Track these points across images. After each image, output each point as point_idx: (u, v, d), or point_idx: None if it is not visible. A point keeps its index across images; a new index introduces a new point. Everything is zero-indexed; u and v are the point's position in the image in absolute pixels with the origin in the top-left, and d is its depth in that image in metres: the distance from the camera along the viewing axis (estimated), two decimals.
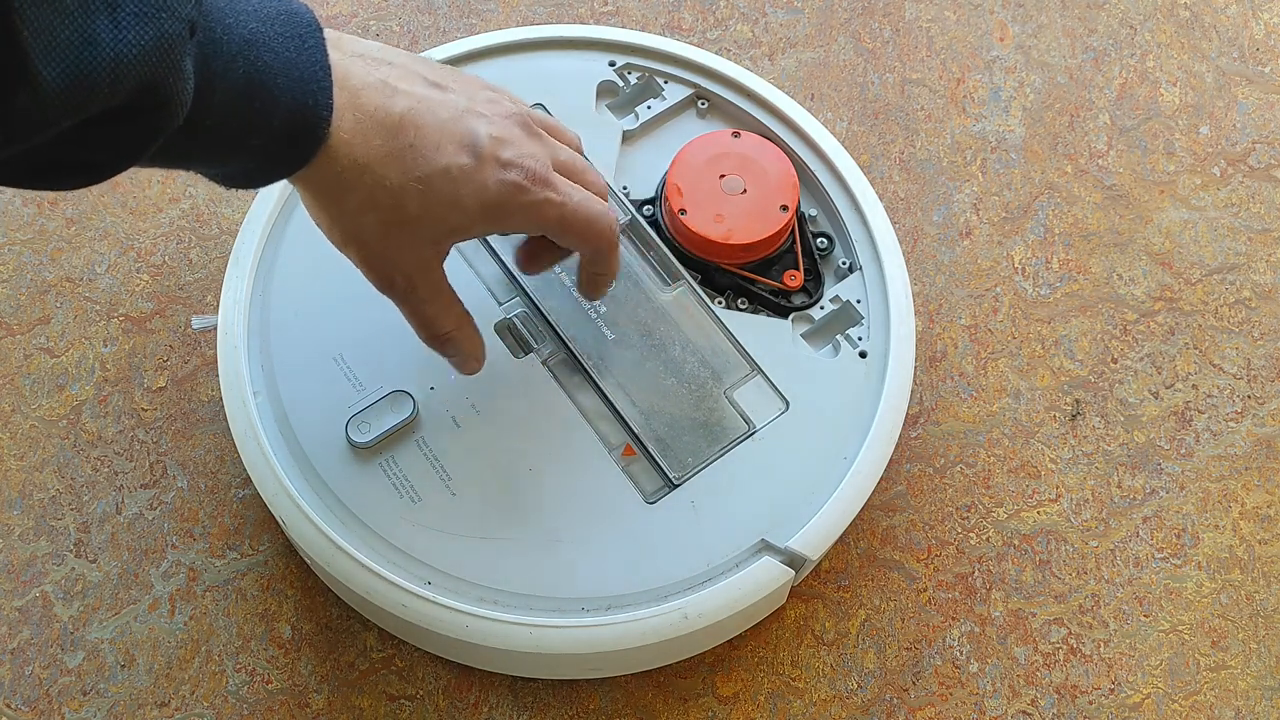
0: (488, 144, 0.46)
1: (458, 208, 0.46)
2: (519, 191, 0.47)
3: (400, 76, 0.46)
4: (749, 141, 0.63)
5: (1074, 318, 0.68)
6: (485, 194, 0.46)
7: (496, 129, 0.47)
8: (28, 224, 0.69)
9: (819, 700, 0.59)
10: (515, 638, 0.53)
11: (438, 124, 0.45)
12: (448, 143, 0.45)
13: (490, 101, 0.48)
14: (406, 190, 0.45)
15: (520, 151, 0.47)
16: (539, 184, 0.47)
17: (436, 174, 0.45)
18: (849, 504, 0.56)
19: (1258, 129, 0.74)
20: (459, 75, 0.49)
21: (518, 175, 0.47)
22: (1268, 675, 0.60)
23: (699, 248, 0.61)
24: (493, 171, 0.46)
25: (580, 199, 0.49)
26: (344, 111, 0.43)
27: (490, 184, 0.46)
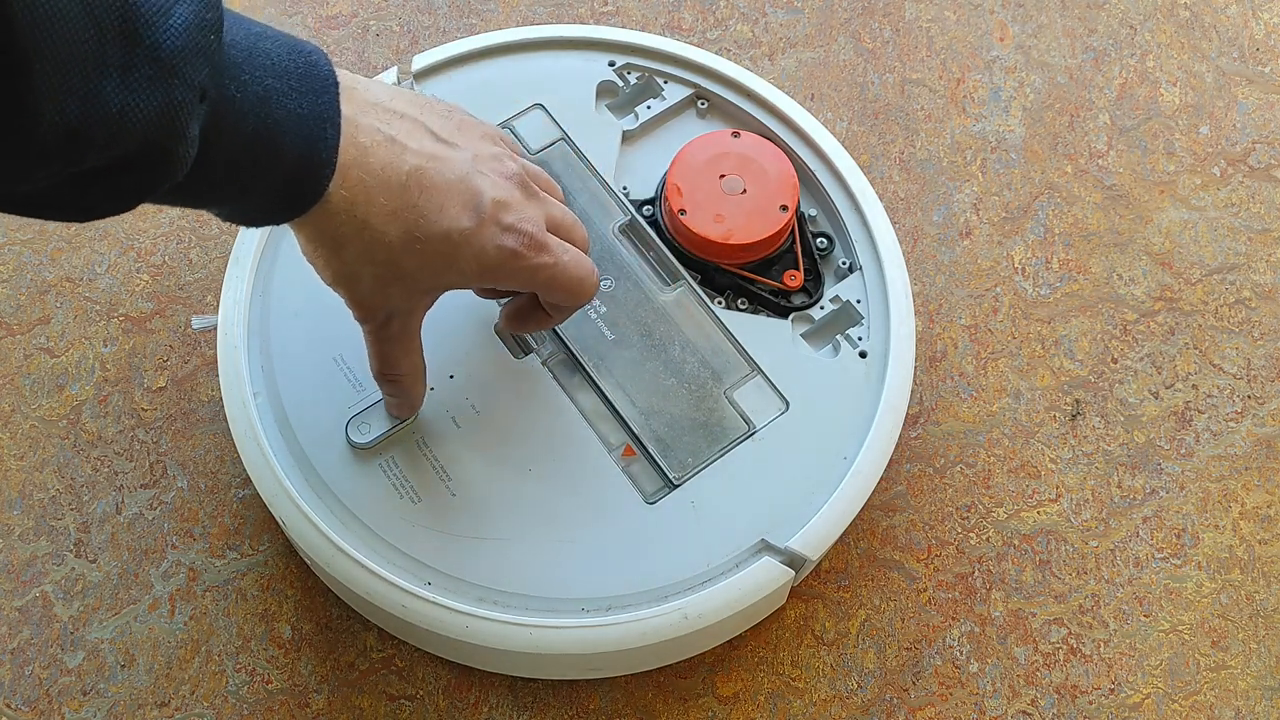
0: (490, 207, 0.47)
1: (454, 268, 0.47)
2: (515, 257, 0.48)
3: (410, 132, 0.46)
4: (749, 141, 0.63)
5: (1074, 318, 0.68)
6: (483, 258, 0.47)
7: (499, 191, 0.47)
8: (28, 224, 0.69)
9: (819, 700, 0.59)
10: (515, 638, 0.53)
11: (444, 185, 0.46)
12: (451, 205, 0.46)
13: (494, 159, 0.49)
14: (406, 248, 0.45)
15: (519, 215, 0.48)
16: (534, 249, 0.48)
17: (438, 236, 0.46)
18: (849, 504, 0.56)
19: (1258, 129, 0.74)
20: (465, 126, 0.49)
21: (516, 241, 0.48)
22: (1268, 675, 0.60)
23: (699, 248, 0.61)
24: (492, 235, 0.47)
25: (570, 260, 0.50)
26: (349, 168, 0.43)
27: (489, 248, 0.47)
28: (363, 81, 0.46)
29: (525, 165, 0.51)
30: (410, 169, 0.45)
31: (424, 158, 0.45)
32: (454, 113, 0.49)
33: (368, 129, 0.44)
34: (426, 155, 0.45)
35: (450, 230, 0.46)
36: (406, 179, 0.44)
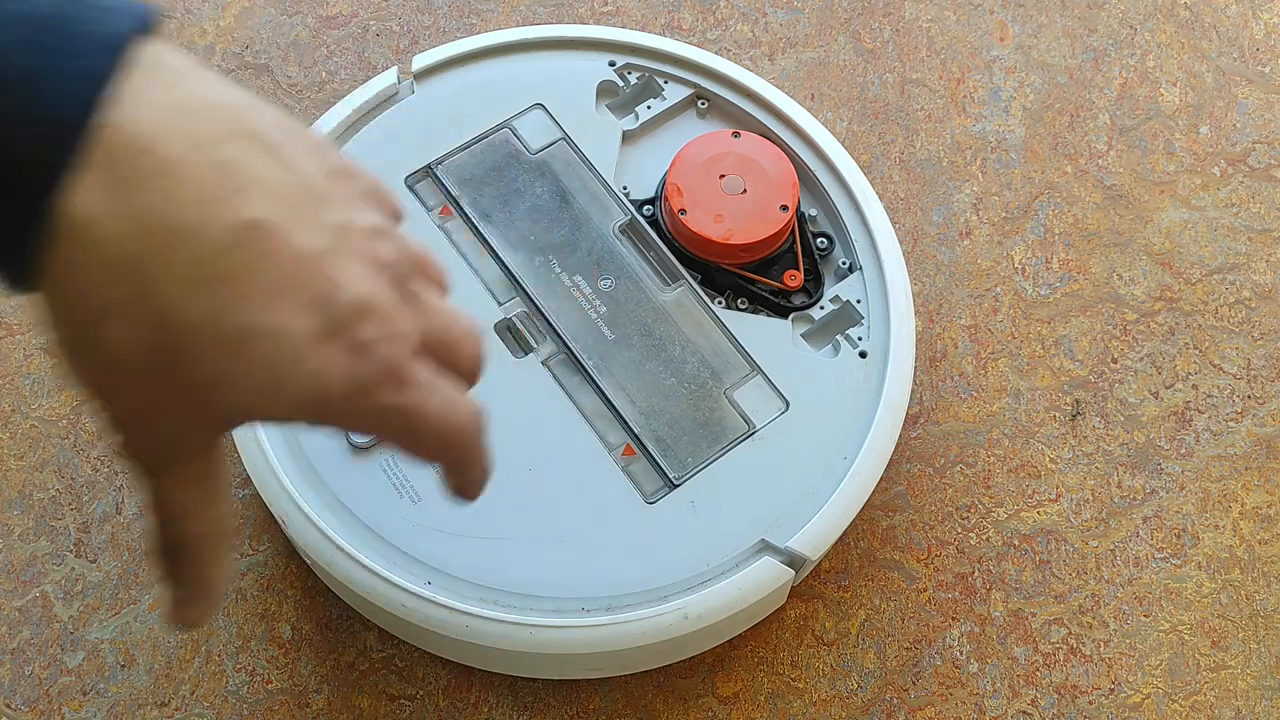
0: (344, 311, 0.31)
1: (275, 390, 0.30)
2: (364, 392, 0.32)
3: (252, 162, 0.30)
4: (749, 141, 0.63)
5: (1074, 318, 0.68)
6: (319, 383, 0.31)
7: (365, 287, 0.31)
8: None
9: (819, 700, 0.59)
10: (515, 638, 0.53)
11: (288, 259, 0.30)
12: (289, 293, 0.30)
13: (369, 235, 0.32)
14: (208, 340, 0.29)
15: (383, 330, 0.32)
16: (392, 383, 0.32)
17: (261, 333, 0.29)
18: (849, 504, 0.56)
19: (1258, 129, 0.74)
20: (339, 175, 0.33)
21: (370, 368, 0.32)
22: (1268, 675, 0.60)
23: (699, 248, 0.61)
24: (338, 355, 0.31)
25: (439, 404, 0.34)
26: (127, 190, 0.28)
27: (333, 371, 0.31)
28: (186, 63, 0.30)
29: (408, 248, 0.35)
30: (245, 222, 0.29)
31: (272, 207, 0.30)
32: (325, 151, 0.33)
33: (178, 138, 0.28)
34: (275, 204, 0.30)
35: (282, 329, 0.30)
36: (233, 236, 0.29)
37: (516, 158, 0.64)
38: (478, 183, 0.63)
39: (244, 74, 0.73)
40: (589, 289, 0.60)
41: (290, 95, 0.73)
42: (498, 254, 0.61)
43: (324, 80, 0.73)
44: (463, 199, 0.62)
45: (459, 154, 0.64)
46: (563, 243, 0.61)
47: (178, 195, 0.28)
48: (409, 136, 0.64)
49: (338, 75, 0.74)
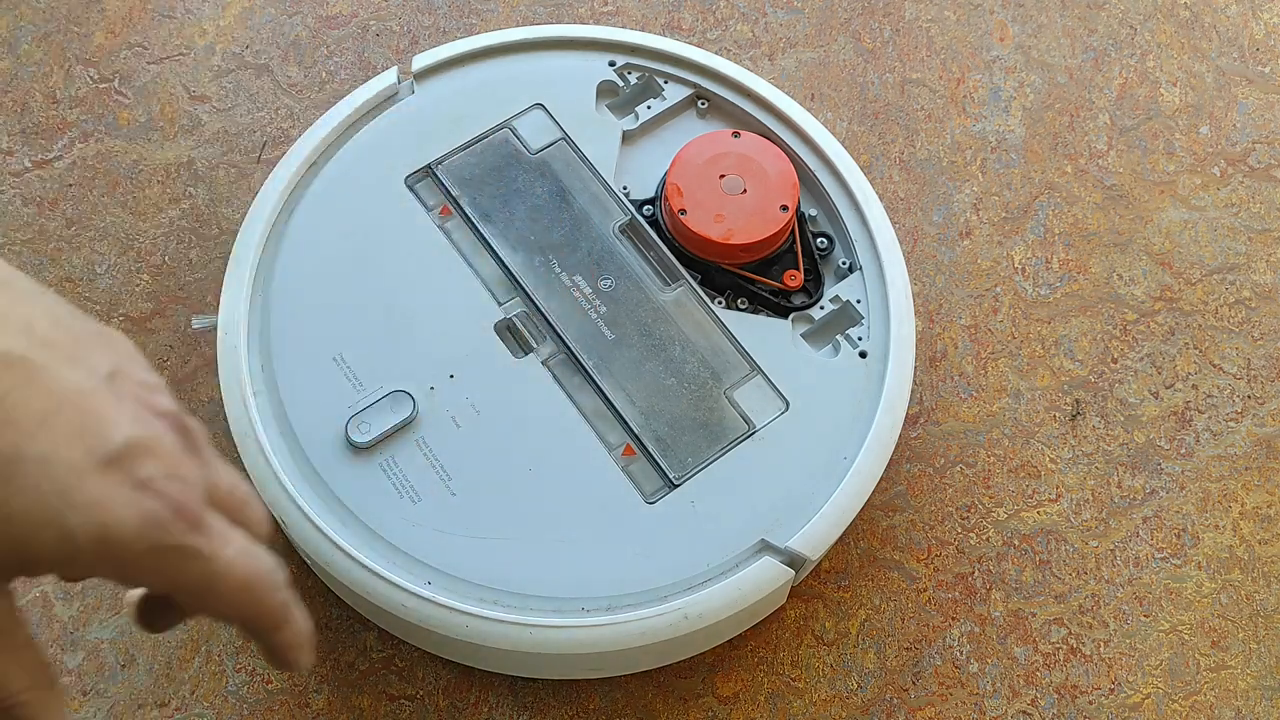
0: (122, 447, 0.30)
1: (54, 523, 0.29)
2: (155, 529, 0.30)
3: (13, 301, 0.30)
4: (749, 141, 0.63)
5: (1074, 318, 0.68)
6: (105, 519, 0.29)
7: (142, 428, 0.31)
8: (28, 224, 0.69)
9: (819, 700, 0.59)
10: (515, 638, 0.53)
11: (55, 392, 0.29)
12: (59, 423, 0.29)
13: (143, 387, 0.32)
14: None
15: (166, 469, 0.31)
16: (185, 522, 0.31)
17: (27, 459, 0.29)
18: (849, 504, 0.56)
19: (1258, 129, 0.74)
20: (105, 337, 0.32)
21: (158, 505, 0.30)
22: (1268, 675, 0.60)
23: (699, 248, 0.61)
24: (121, 490, 0.30)
25: (235, 554, 0.32)
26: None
27: (117, 507, 0.29)
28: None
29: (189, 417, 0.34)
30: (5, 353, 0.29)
31: (33, 343, 0.29)
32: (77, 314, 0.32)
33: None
34: (39, 341, 0.30)
35: (54, 459, 0.29)
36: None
37: (516, 158, 0.64)
38: (478, 183, 0.63)
39: (244, 74, 0.73)
40: (589, 289, 0.60)
41: (290, 95, 0.73)
42: (498, 254, 0.61)
43: (324, 80, 0.73)
44: (463, 199, 0.62)
45: (459, 154, 0.64)
46: (563, 243, 0.61)
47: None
48: (409, 136, 0.64)
49: (338, 75, 0.74)
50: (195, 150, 0.71)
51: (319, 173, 0.63)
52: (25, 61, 0.73)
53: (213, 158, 0.71)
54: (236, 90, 0.73)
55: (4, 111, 0.72)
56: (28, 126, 0.71)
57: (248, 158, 0.71)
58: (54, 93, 0.72)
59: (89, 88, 0.73)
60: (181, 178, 0.70)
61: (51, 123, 0.72)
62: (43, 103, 0.72)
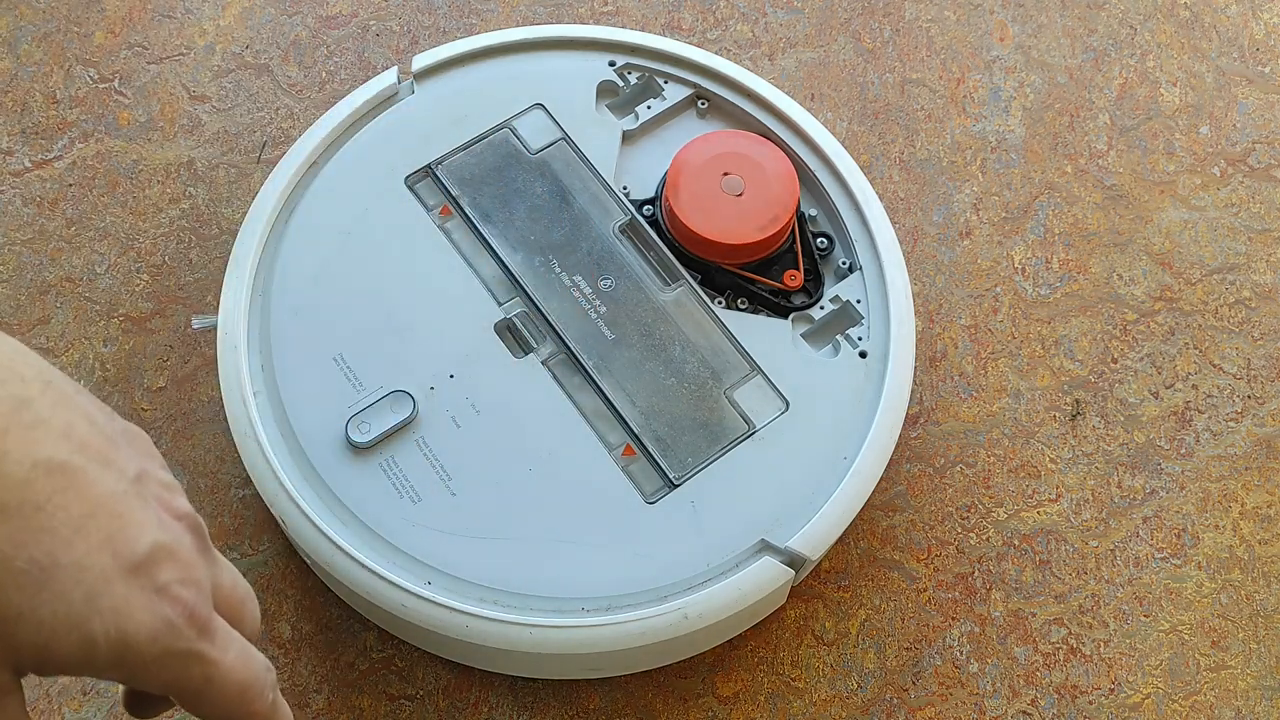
0: (148, 552, 0.31)
1: (77, 627, 0.30)
2: (168, 634, 0.32)
3: (57, 404, 0.31)
4: (749, 141, 0.63)
5: (1074, 318, 0.68)
6: (125, 624, 0.31)
7: (167, 534, 0.32)
8: (28, 224, 0.69)
9: (819, 700, 0.59)
10: (515, 638, 0.53)
11: (91, 498, 0.31)
12: (91, 532, 0.30)
13: (164, 487, 0.34)
14: (8, 573, 0.29)
15: (184, 575, 0.32)
16: (195, 628, 0.32)
17: (62, 567, 0.30)
18: (849, 504, 0.56)
19: (1258, 129, 0.74)
20: (129, 432, 0.34)
21: (173, 611, 0.32)
22: (1268, 675, 0.60)
23: (699, 248, 0.61)
24: (142, 596, 0.31)
25: (235, 658, 0.34)
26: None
27: (137, 611, 0.31)
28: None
29: (193, 510, 0.35)
30: (45, 459, 0.30)
31: (73, 447, 0.31)
32: (105, 409, 0.34)
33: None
34: (78, 444, 0.31)
35: (86, 564, 0.30)
36: (33, 470, 0.30)
37: (516, 158, 0.64)
38: (478, 183, 0.63)
39: (244, 74, 0.73)
40: (589, 289, 0.60)
41: (290, 95, 0.73)
42: (498, 254, 0.61)
43: (324, 80, 0.73)
44: (463, 199, 0.62)
45: (459, 154, 0.64)
46: (563, 243, 0.61)
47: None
48: (409, 136, 0.64)
49: (338, 75, 0.74)
50: (195, 150, 0.71)
51: (319, 173, 0.63)
52: (25, 61, 0.73)
53: (213, 158, 0.71)
54: (236, 90, 0.73)
55: (4, 111, 0.72)
56: (28, 126, 0.71)
57: (248, 158, 0.71)
58: (54, 93, 0.72)
59: (89, 88, 0.73)
60: (181, 178, 0.70)
61: (51, 123, 0.72)
62: (43, 103, 0.72)
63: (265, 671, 0.35)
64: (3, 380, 0.30)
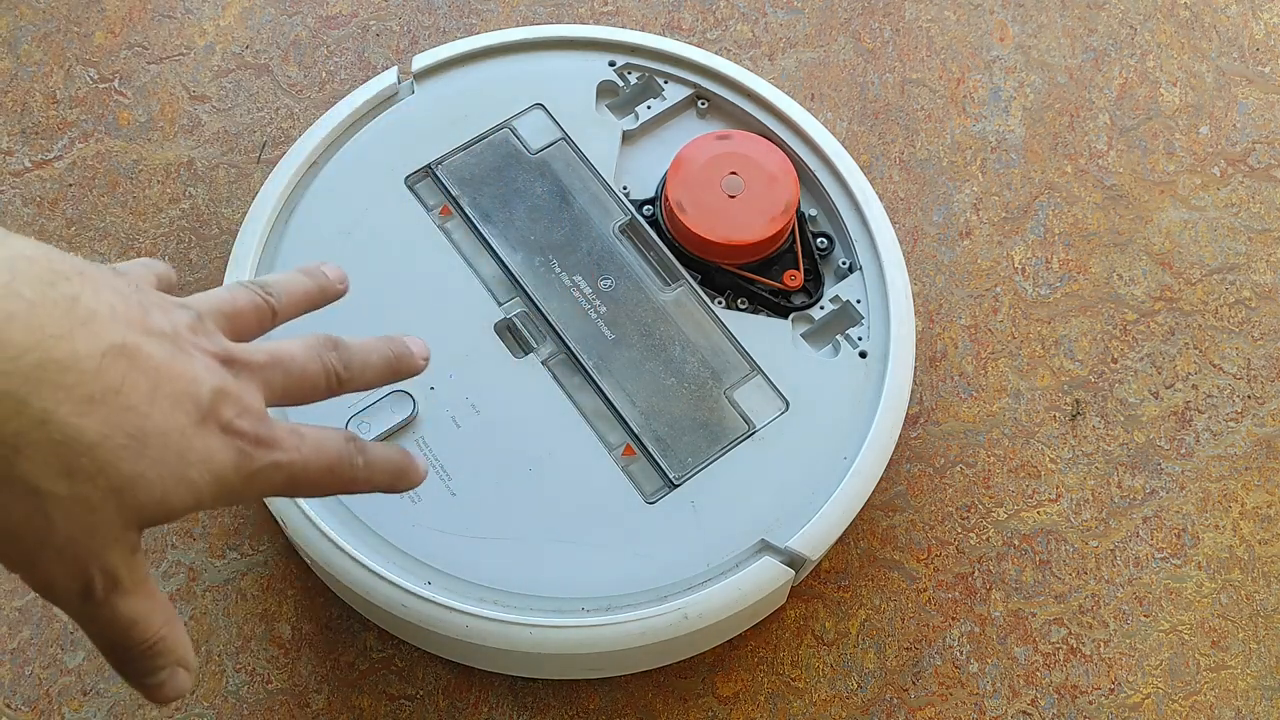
0: (209, 400, 0.35)
1: (181, 479, 0.34)
2: (246, 461, 0.36)
3: (98, 293, 0.34)
4: (749, 141, 0.63)
5: (1074, 318, 0.68)
6: (213, 466, 0.35)
7: (216, 378, 0.36)
8: (28, 224, 0.69)
9: (819, 700, 0.59)
10: (515, 638, 0.53)
11: (155, 367, 0.34)
12: (163, 395, 0.34)
13: (193, 331, 0.37)
14: (110, 451, 0.33)
15: (240, 406, 0.36)
16: (264, 447, 0.37)
17: (152, 433, 0.33)
18: (849, 504, 0.56)
19: (1258, 129, 0.74)
20: (143, 287, 0.37)
21: (243, 442, 0.36)
22: (1268, 675, 0.60)
23: (699, 248, 0.61)
24: (216, 438, 0.35)
25: (311, 450, 0.39)
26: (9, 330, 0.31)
27: (217, 453, 0.35)
28: None
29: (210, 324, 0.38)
30: (108, 346, 0.33)
31: (123, 328, 0.33)
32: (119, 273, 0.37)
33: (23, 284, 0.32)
34: (124, 323, 0.34)
35: (168, 427, 0.34)
36: (100, 360, 0.32)
37: (516, 158, 0.64)
38: (478, 183, 0.63)
39: (244, 74, 0.73)
40: (589, 289, 0.60)
41: (290, 95, 0.73)
42: (498, 254, 0.61)
43: (324, 80, 0.73)
44: (463, 199, 0.62)
45: (459, 154, 0.64)
46: (563, 243, 0.61)
47: (41, 335, 0.31)
48: (409, 136, 0.64)
49: (338, 75, 0.74)
50: (195, 150, 0.71)
51: (319, 173, 0.63)
52: (25, 61, 0.73)
53: (213, 158, 0.71)
54: (236, 90, 0.73)
55: (4, 111, 0.72)
56: (28, 126, 0.71)
57: (248, 158, 0.71)
58: (54, 93, 0.72)
59: (89, 88, 0.73)
60: (181, 178, 0.70)
61: (51, 123, 0.72)
62: (43, 103, 0.72)
63: (345, 443, 0.40)
64: (52, 282, 0.32)
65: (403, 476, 0.42)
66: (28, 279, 0.32)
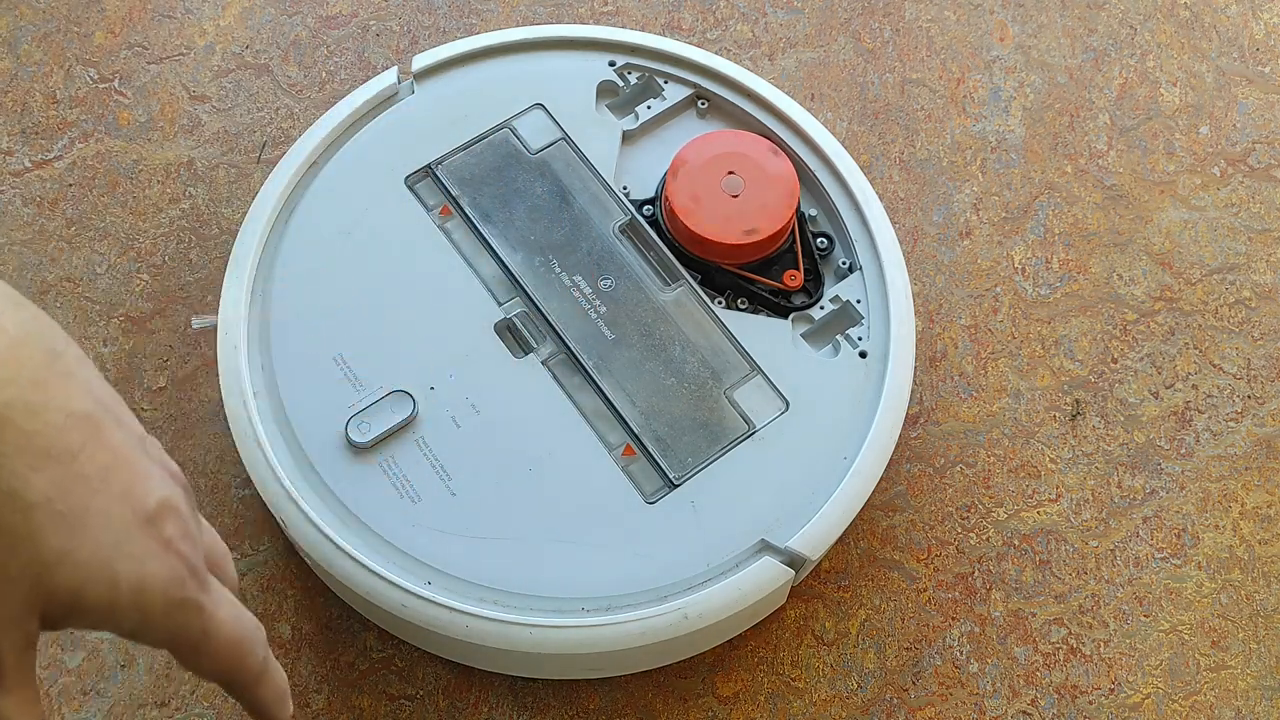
0: (156, 506, 0.33)
1: (108, 574, 0.31)
2: (176, 585, 0.33)
3: (80, 361, 0.32)
4: (749, 141, 0.63)
5: (1074, 318, 0.68)
6: (143, 571, 0.32)
7: (169, 490, 0.33)
8: (28, 224, 0.69)
9: (819, 700, 0.59)
10: (515, 638, 0.53)
11: (112, 450, 0.32)
12: (115, 480, 0.32)
13: (156, 446, 0.35)
14: (49, 518, 0.30)
15: (182, 530, 0.34)
16: (196, 581, 0.34)
17: (96, 513, 0.31)
18: (849, 504, 0.56)
19: (1258, 129, 0.74)
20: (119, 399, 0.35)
21: (179, 563, 0.33)
22: (1268, 675, 0.60)
23: (699, 248, 0.61)
24: (155, 545, 0.32)
25: (228, 613, 0.35)
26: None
27: (151, 561, 0.32)
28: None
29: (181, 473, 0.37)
30: (76, 409, 0.31)
31: (95, 402, 0.32)
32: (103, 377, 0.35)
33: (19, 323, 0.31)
34: (98, 400, 0.32)
35: (109, 514, 0.31)
36: (68, 420, 0.31)
37: (516, 158, 0.64)
38: (478, 183, 0.63)
39: (244, 74, 0.73)
40: (589, 289, 0.60)
41: (290, 95, 0.73)
42: (498, 254, 0.61)
43: (324, 80, 0.73)
44: (463, 199, 0.62)
45: (459, 154, 0.64)
46: (563, 243, 0.61)
47: (18, 374, 0.30)
48: (409, 136, 0.64)
49: (338, 75, 0.74)
50: (195, 150, 0.71)
51: (319, 173, 0.63)
52: (25, 61, 0.73)
53: (213, 158, 0.71)
54: (236, 90, 0.73)
55: (4, 111, 0.72)
56: (28, 126, 0.71)
57: (248, 158, 0.71)
58: (54, 93, 0.72)
59: (89, 88, 0.73)
60: (181, 178, 0.70)
61: (51, 123, 0.72)
62: (43, 103, 0.72)
63: (256, 629, 0.36)
64: (38, 334, 0.31)
65: (282, 701, 0.38)
66: (15, 320, 0.31)
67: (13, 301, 0.31)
